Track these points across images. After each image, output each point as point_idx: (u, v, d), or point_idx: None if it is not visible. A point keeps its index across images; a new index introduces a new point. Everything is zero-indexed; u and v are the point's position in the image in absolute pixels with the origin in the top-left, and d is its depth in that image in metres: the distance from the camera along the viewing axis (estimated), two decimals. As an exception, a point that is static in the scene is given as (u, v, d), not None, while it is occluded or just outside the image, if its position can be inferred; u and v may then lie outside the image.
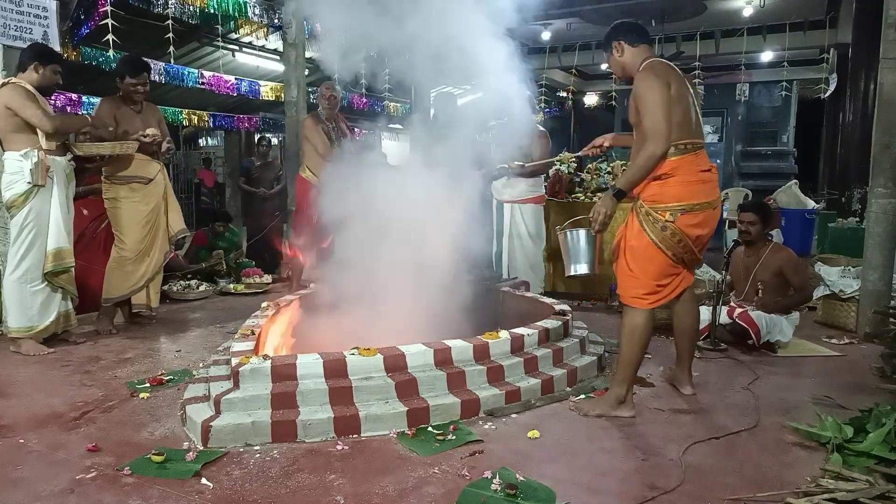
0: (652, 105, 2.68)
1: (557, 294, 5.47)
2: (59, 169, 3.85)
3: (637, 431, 2.71)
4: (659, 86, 2.69)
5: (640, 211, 2.80)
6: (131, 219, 4.33)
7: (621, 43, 2.90)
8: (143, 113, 4.41)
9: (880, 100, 4.32)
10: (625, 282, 2.88)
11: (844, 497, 2.05)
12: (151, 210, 4.39)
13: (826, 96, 11.08)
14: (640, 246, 2.80)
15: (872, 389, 3.27)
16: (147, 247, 4.41)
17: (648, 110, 2.69)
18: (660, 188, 2.76)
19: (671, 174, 2.75)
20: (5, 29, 4.22)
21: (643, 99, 2.71)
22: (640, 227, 2.80)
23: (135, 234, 4.34)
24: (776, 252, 4.24)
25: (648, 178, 2.76)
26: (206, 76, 8.69)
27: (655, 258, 2.79)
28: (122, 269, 4.34)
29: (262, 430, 2.54)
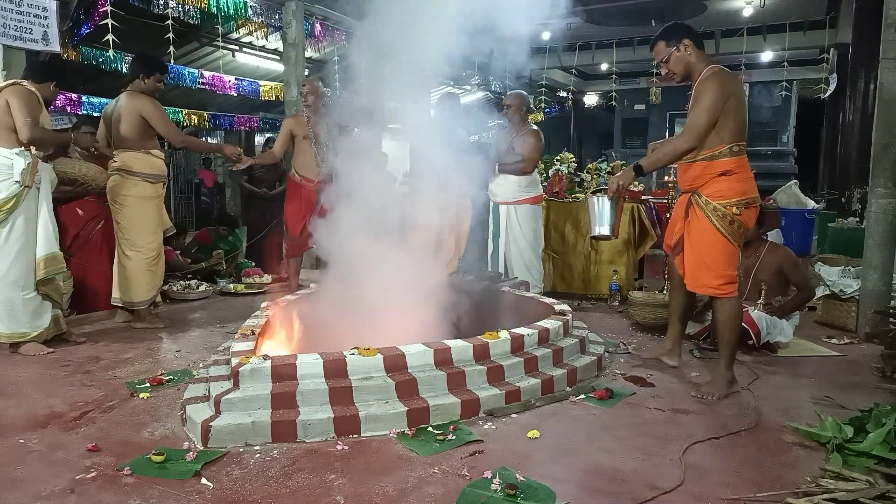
0: (704, 106, 2.94)
1: (557, 294, 5.47)
2: (45, 173, 3.83)
3: (637, 431, 2.71)
4: (719, 93, 2.93)
5: (705, 207, 3.02)
6: (157, 216, 4.44)
7: (690, 43, 3.10)
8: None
9: (880, 100, 4.32)
10: (697, 273, 3.11)
11: (844, 497, 2.05)
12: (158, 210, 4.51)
13: (826, 96, 11.09)
14: (710, 240, 3.03)
15: (872, 389, 3.28)
16: (159, 248, 4.51)
17: (699, 109, 2.95)
18: (726, 184, 3.00)
19: (734, 171, 3.00)
20: (5, 29, 4.23)
21: (702, 96, 2.95)
22: (708, 222, 3.02)
23: (157, 232, 4.45)
24: (774, 251, 4.24)
25: (712, 175, 3.00)
26: (206, 76, 8.70)
27: (726, 249, 3.03)
28: (150, 270, 4.42)
29: (262, 430, 2.53)
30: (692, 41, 3.10)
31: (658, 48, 3.16)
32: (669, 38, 3.12)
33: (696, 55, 3.11)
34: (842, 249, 6.71)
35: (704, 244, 3.04)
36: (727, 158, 2.99)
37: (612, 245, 5.73)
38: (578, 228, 5.86)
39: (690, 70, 3.11)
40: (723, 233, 3.00)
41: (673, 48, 3.11)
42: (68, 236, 4.92)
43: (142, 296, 4.42)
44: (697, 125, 2.96)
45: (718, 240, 3.01)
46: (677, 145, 3.01)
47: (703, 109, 2.94)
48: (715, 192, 3.00)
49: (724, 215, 2.98)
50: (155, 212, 4.44)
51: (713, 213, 3.00)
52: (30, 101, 3.70)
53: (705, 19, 10.65)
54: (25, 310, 3.76)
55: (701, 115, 2.94)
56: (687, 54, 3.10)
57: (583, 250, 5.84)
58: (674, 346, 3.59)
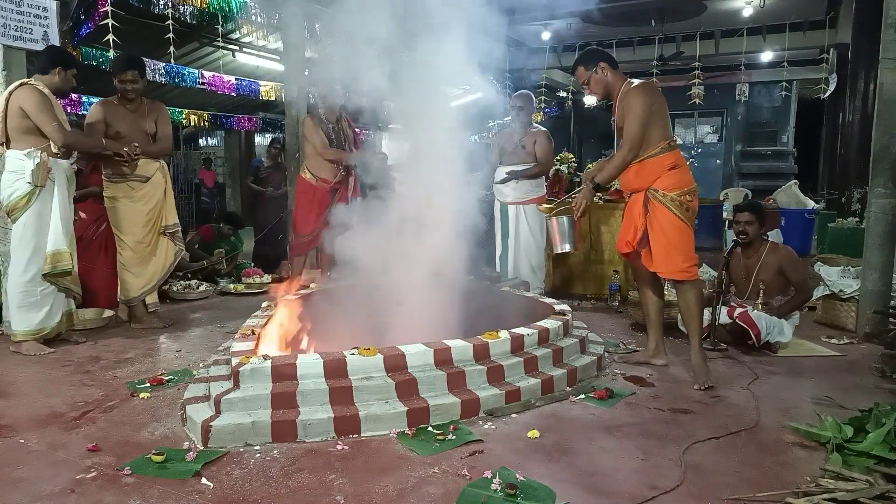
0: (634, 119, 3.29)
1: (557, 294, 5.47)
2: (60, 171, 3.85)
3: (637, 431, 2.71)
4: (644, 104, 3.30)
5: (663, 199, 3.30)
6: (131, 218, 4.35)
7: (606, 65, 3.47)
8: (140, 111, 4.38)
9: (880, 100, 4.32)
10: (670, 259, 3.33)
11: (844, 497, 2.05)
12: (152, 209, 4.40)
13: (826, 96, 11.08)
14: (674, 227, 3.31)
15: (872, 389, 3.28)
16: (152, 247, 4.43)
17: (630, 123, 3.31)
18: (677, 177, 3.33)
19: (678, 164, 3.35)
20: (5, 29, 4.22)
21: (631, 112, 3.31)
22: (668, 212, 3.30)
23: (135, 233, 4.36)
24: (775, 251, 4.25)
25: (663, 170, 3.32)
26: (206, 76, 8.69)
27: (688, 233, 3.35)
28: (129, 271, 4.38)
29: (262, 430, 2.54)
30: (607, 63, 3.47)
31: (578, 72, 3.54)
32: (587, 63, 3.48)
33: (612, 75, 3.46)
34: (841, 249, 6.72)
35: (671, 231, 3.31)
36: (669, 153, 3.34)
37: (612, 245, 5.73)
38: (578, 228, 5.86)
39: (609, 89, 3.48)
40: (682, 219, 3.30)
41: (591, 71, 3.47)
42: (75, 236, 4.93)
43: (126, 293, 4.41)
44: (633, 136, 3.31)
45: (680, 226, 3.31)
46: (624, 157, 3.35)
47: (634, 122, 3.30)
48: (669, 185, 3.31)
49: (681, 203, 3.30)
50: (130, 214, 4.34)
51: (671, 203, 3.30)
52: (43, 103, 3.69)
53: (705, 19, 10.65)
54: (42, 305, 3.81)
55: (634, 127, 3.30)
56: (604, 76, 3.46)
57: (583, 250, 5.84)
58: (658, 346, 3.69)
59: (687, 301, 3.41)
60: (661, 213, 3.32)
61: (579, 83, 3.58)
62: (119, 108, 4.31)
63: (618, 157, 3.37)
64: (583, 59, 3.54)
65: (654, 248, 3.37)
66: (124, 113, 4.32)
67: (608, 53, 3.58)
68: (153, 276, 4.45)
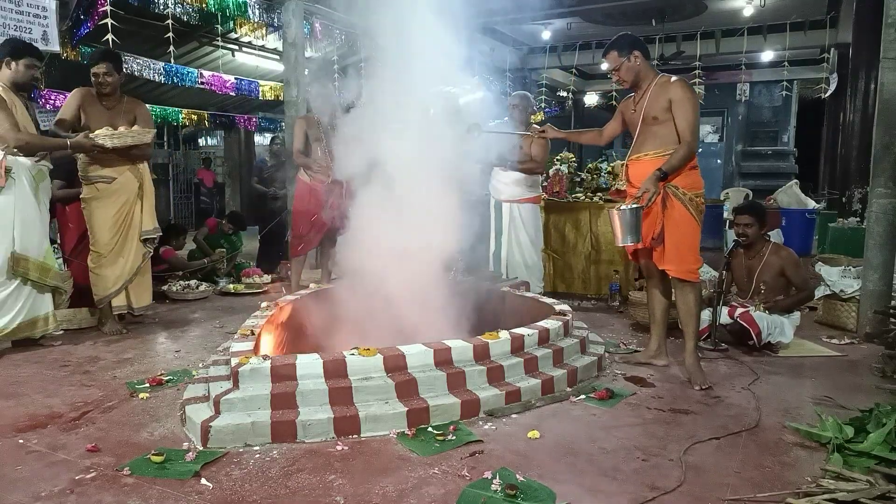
0: (694, 113, 3.27)
1: (557, 294, 5.47)
2: (22, 169, 3.73)
3: (637, 432, 2.71)
4: (696, 99, 3.32)
5: (683, 197, 3.29)
6: (99, 219, 4.23)
7: (640, 55, 3.38)
8: (116, 109, 4.24)
9: (881, 99, 4.32)
10: (682, 257, 3.33)
11: (845, 497, 2.04)
12: (118, 211, 4.26)
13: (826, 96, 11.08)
14: (690, 226, 3.31)
15: (873, 389, 3.27)
16: (118, 248, 4.29)
17: (691, 114, 3.26)
18: (695, 177, 3.35)
19: (696, 165, 3.38)
20: (5, 28, 4.22)
21: (686, 103, 3.25)
22: (685, 210, 3.29)
23: (104, 234, 4.24)
24: (777, 252, 4.24)
25: (685, 168, 3.29)
26: (206, 76, 8.68)
27: (698, 233, 3.37)
28: (98, 272, 4.27)
29: (262, 431, 2.53)
30: (641, 52, 3.38)
31: (610, 57, 3.44)
32: (621, 49, 3.39)
33: (644, 65, 3.40)
34: (842, 249, 6.71)
35: (687, 230, 3.31)
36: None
37: (612, 245, 5.73)
38: (578, 228, 5.86)
39: (639, 79, 3.41)
40: (696, 219, 3.32)
41: (624, 58, 3.38)
42: (74, 236, 4.91)
43: (95, 294, 4.29)
44: (695, 128, 3.27)
45: (695, 226, 3.32)
46: (690, 149, 3.26)
47: (693, 114, 3.26)
48: (689, 184, 3.30)
49: (697, 204, 3.31)
50: (99, 215, 4.22)
51: (689, 203, 3.29)
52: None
53: (705, 19, 10.64)
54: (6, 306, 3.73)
55: (694, 119, 3.27)
56: (636, 64, 3.38)
57: (583, 250, 5.84)
58: (660, 347, 3.68)
59: (687, 302, 3.40)
60: (679, 210, 3.29)
61: (609, 68, 3.48)
62: (95, 102, 4.19)
63: (684, 149, 3.25)
64: (617, 45, 3.42)
65: (668, 245, 3.33)
66: (100, 109, 4.17)
67: (643, 42, 3.46)
68: (118, 278, 4.30)
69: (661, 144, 3.33)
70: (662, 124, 3.33)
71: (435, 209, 3.68)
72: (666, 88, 3.31)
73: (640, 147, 3.44)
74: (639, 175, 3.39)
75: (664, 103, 3.30)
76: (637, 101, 3.45)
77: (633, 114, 3.48)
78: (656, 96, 3.33)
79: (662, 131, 3.34)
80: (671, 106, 3.28)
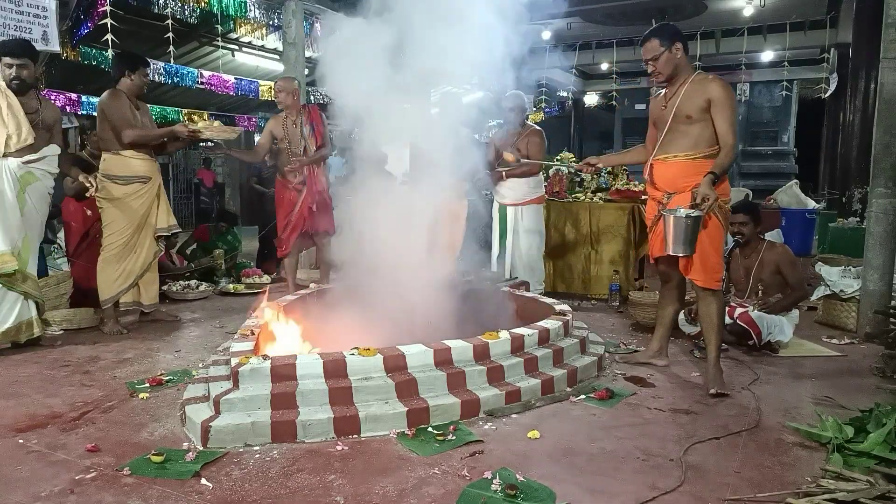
0: (733, 112, 3.11)
1: (557, 294, 5.47)
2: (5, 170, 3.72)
3: (637, 432, 2.70)
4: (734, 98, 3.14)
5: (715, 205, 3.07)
6: (125, 217, 4.29)
7: (681, 47, 3.21)
8: (142, 111, 4.39)
9: (881, 99, 4.32)
10: (709, 266, 3.18)
11: (845, 497, 2.04)
12: (146, 210, 4.36)
13: (826, 96, 11.08)
14: (718, 233, 3.17)
15: (873, 389, 3.27)
16: (132, 245, 4.35)
17: (731, 116, 3.10)
18: (726, 183, 3.18)
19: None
20: (5, 28, 4.22)
21: (727, 105, 3.09)
22: (716, 219, 3.13)
23: (125, 232, 4.31)
24: (772, 249, 4.25)
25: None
26: (206, 76, 8.69)
27: (723, 239, 3.24)
28: (110, 269, 4.30)
29: (262, 431, 2.53)
30: (683, 46, 3.21)
31: (651, 45, 3.21)
32: (663, 38, 3.19)
33: (684, 59, 3.23)
34: (842, 249, 6.72)
35: (716, 239, 3.17)
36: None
37: (612, 245, 5.73)
38: (578, 228, 5.86)
39: (676, 73, 3.22)
40: (724, 227, 3.21)
41: (665, 49, 3.18)
42: (77, 234, 4.93)
43: (102, 294, 4.31)
44: (736, 129, 3.10)
45: (722, 234, 3.20)
46: (735, 149, 3.12)
47: (734, 115, 3.09)
48: (723, 191, 3.12)
49: (726, 211, 3.19)
50: (126, 213, 4.28)
51: (719, 211, 3.12)
52: None
53: (705, 19, 10.65)
54: None
55: (735, 121, 3.10)
56: (677, 57, 3.20)
57: (583, 250, 5.84)
58: (661, 347, 3.67)
59: (710, 312, 3.24)
60: (712, 219, 3.11)
61: (646, 57, 3.22)
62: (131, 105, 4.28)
63: (730, 152, 3.06)
64: (660, 33, 3.20)
65: (699, 254, 3.12)
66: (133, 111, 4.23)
67: (683, 35, 3.26)
68: (130, 274, 4.35)
69: (693, 146, 3.14)
70: (696, 124, 3.13)
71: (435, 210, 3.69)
72: (705, 86, 3.12)
73: (667, 147, 3.22)
74: (665, 177, 3.23)
75: (701, 102, 3.10)
76: (669, 97, 3.23)
77: (662, 110, 3.25)
78: (693, 94, 3.13)
79: (694, 131, 3.14)
80: (709, 106, 3.09)
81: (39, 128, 3.87)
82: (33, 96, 3.91)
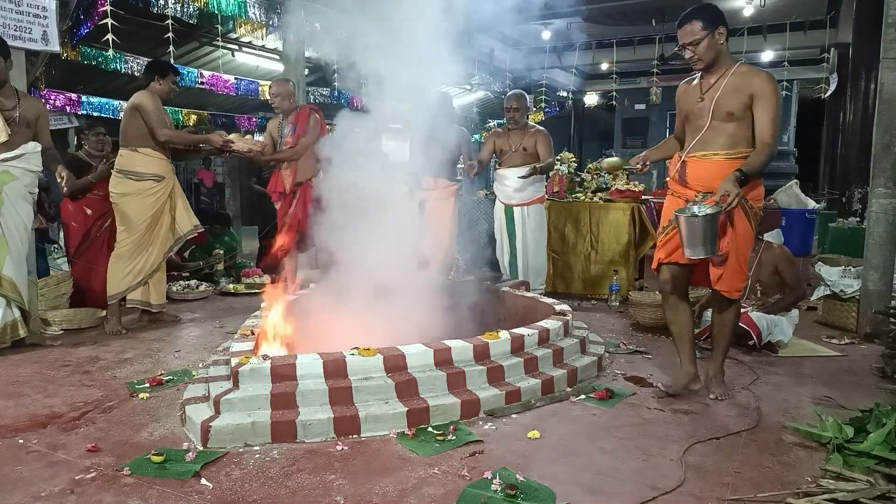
0: (777, 109, 2.79)
1: (557, 294, 5.47)
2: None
3: (637, 431, 2.70)
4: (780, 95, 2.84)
5: (750, 211, 2.88)
6: (137, 214, 4.35)
7: (725, 32, 2.88)
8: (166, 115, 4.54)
9: (881, 99, 4.32)
10: (737, 277, 2.98)
11: (845, 497, 2.04)
12: (158, 208, 4.41)
13: (826, 96, 11.08)
14: (749, 240, 2.95)
15: (873, 389, 3.27)
16: (145, 243, 4.40)
17: (774, 114, 2.79)
18: (761, 188, 2.95)
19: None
20: (5, 29, 4.21)
21: (772, 101, 2.78)
22: (748, 225, 2.90)
23: (138, 230, 4.36)
24: (769, 250, 4.25)
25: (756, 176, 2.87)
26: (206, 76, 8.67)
27: (750, 248, 3.02)
28: (120, 265, 4.35)
29: (262, 431, 2.53)
30: (727, 31, 2.88)
31: (692, 28, 2.85)
32: (706, 21, 2.83)
33: (726, 48, 2.90)
34: (842, 249, 6.72)
35: (747, 247, 2.95)
36: None
37: (613, 245, 5.73)
38: (578, 228, 5.86)
39: (717, 61, 2.89)
40: (755, 235, 3.01)
41: (708, 33, 2.84)
42: (77, 235, 4.93)
43: (110, 290, 4.36)
44: (777, 127, 2.81)
45: (751, 243, 3.01)
46: (773, 147, 2.79)
47: (777, 111, 2.80)
48: (757, 196, 2.91)
49: (759, 218, 2.94)
50: (139, 210, 4.33)
51: (754, 217, 2.90)
52: None
53: (706, 19, 10.64)
54: None
55: (778, 119, 2.80)
56: (720, 43, 2.87)
57: (583, 250, 5.84)
58: (695, 367, 3.17)
59: (725, 321, 3.09)
60: (743, 224, 2.87)
61: (685, 41, 2.87)
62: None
63: (766, 152, 2.76)
64: (702, 15, 2.84)
65: (731, 262, 2.91)
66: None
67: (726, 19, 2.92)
68: (140, 272, 4.39)
69: (734, 144, 2.86)
70: (737, 122, 2.84)
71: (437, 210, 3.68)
72: (749, 80, 2.81)
73: (705, 143, 2.90)
74: (701, 177, 2.92)
75: (744, 98, 2.81)
76: (706, 89, 2.91)
77: (698, 102, 2.93)
78: (735, 88, 2.82)
79: (735, 129, 2.85)
80: (752, 102, 2.80)
81: (17, 124, 3.81)
82: (10, 92, 3.86)
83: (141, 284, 4.43)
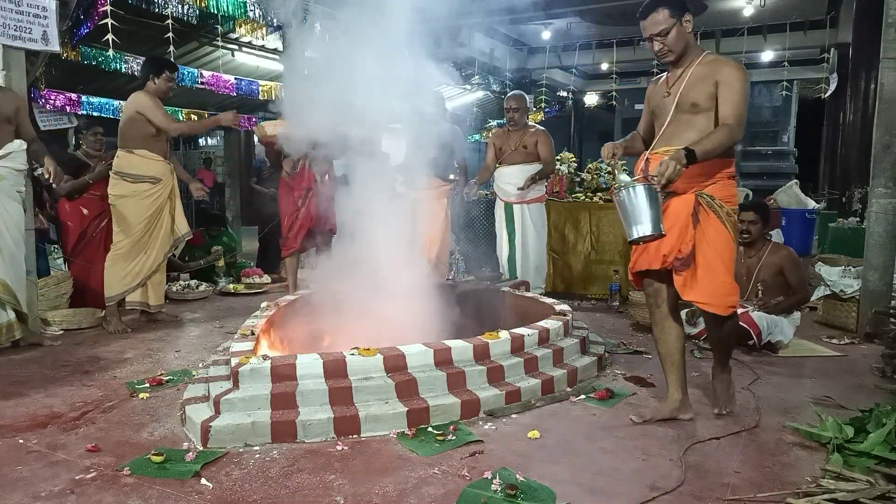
0: (742, 96, 2.57)
1: (557, 294, 5.47)
2: None
3: (637, 431, 2.70)
4: (748, 85, 2.62)
5: (720, 210, 2.63)
6: (134, 216, 4.33)
7: (691, 20, 2.67)
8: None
9: (881, 99, 4.32)
10: (717, 287, 2.64)
11: (845, 497, 2.04)
12: (156, 210, 4.40)
13: (826, 96, 11.08)
14: (726, 244, 2.65)
15: (873, 389, 3.27)
16: (143, 244, 4.39)
17: (739, 98, 2.56)
18: (733, 189, 2.70)
19: (735, 175, 2.73)
20: (5, 29, 4.21)
21: (736, 86, 2.57)
22: (721, 226, 2.63)
23: (135, 231, 4.35)
24: (776, 251, 4.25)
25: (724, 176, 2.65)
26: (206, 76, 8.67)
27: (734, 254, 2.71)
28: (118, 266, 4.34)
29: (262, 431, 2.53)
30: (692, 19, 2.68)
31: (659, 17, 2.64)
32: (674, 8, 2.63)
33: (692, 36, 2.70)
34: (842, 249, 6.72)
35: (725, 251, 2.64)
36: (732, 158, 2.69)
37: (613, 245, 5.73)
38: (578, 228, 5.86)
39: (686, 49, 2.68)
40: (734, 236, 2.68)
41: (676, 21, 2.63)
42: (73, 235, 4.93)
43: (108, 291, 4.35)
44: (743, 117, 2.56)
45: (733, 247, 2.68)
46: (732, 136, 2.54)
47: (743, 100, 2.57)
48: (726, 196, 2.65)
49: (734, 223, 2.67)
50: (136, 211, 4.32)
51: (727, 220, 2.63)
52: None
53: (705, 19, 10.64)
54: None
55: (744, 105, 2.57)
56: (687, 31, 2.66)
57: (583, 250, 5.84)
58: (684, 395, 2.85)
59: (723, 336, 2.83)
60: (715, 226, 2.62)
61: (652, 32, 2.65)
62: None
63: (724, 133, 2.51)
64: (667, 1, 2.63)
65: (701, 268, 2.63)
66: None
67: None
68: (138, 274, 4.38)
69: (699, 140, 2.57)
70: (703, 114, 2.63)
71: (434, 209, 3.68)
72: (714, 68, 2.61)
73: (669, 138, 2.67)
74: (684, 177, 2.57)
75: (709, 87, 2.60)
76: (672, 82, 2.72)
77: (664, 97, 2.74)
78: (700, 77, 2.63)
79: (702, 123, 2.63)
80: (717, 90, 2.59)
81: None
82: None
83: (140, 286, 4.43)
